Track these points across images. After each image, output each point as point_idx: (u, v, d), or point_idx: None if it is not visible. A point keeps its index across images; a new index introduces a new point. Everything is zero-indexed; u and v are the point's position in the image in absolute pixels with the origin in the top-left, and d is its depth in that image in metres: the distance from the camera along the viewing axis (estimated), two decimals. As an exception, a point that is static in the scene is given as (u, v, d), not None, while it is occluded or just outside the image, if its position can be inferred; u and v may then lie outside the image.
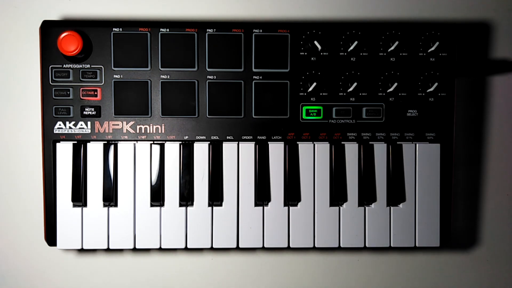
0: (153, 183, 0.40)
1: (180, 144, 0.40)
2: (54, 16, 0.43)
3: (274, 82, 0.41)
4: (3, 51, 0.43)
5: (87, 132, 0.40)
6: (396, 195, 0.41)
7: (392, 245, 0.41)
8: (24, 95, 0.43)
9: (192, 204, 0.41)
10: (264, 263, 0.45)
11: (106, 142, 0.40)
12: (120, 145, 0.40)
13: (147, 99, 0.40)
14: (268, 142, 0.41)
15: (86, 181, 0.40)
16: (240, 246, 0.40)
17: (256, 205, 0.41)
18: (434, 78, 0.41)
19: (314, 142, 0.41)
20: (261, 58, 0.40)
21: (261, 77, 0.41)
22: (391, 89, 0.41)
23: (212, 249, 0.40)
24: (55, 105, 0.40)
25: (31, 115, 0.43)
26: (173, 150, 0.40)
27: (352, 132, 0.42)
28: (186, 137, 0.41)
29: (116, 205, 0.40)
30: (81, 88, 0.40)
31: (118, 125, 0.40)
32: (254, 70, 0.41)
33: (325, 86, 0.41)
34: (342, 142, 0.42)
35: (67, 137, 0.40)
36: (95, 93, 0.40)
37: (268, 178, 0.41)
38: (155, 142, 0.41)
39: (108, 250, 0.44)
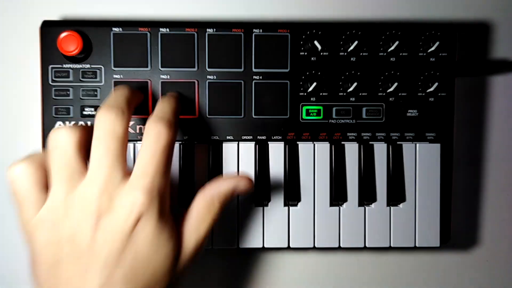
0: (153, 183, 0.40)
1: (180, 144, 0.40)
2: (54, 16, 0.43)
3: (274, 82, 0.41)
4: (3, 51, 0.43)
5: (87, 132, 0.40)
6: (396, 195, 0.41)
7: (392, 245, 0.41)
8: (24, 95, 0.43)
9: (192, 204, 0.41)
10: (264, 264, 0.45)
11: (106, 142, 0.40)
12: (120, 145, 0.40)
13: (147, 99, 0.40)
14: (268, 142, 0.41)
15: (86, 181, 0.40)
16: (241, 246, 0.40)
17: (256, 205, 0.41)
18: (434, 78, 0.41)
19: (314, 142, 0.41)
20: (261, 58, 0.40)
21: (261, 77, 0.41)
22: (391, 89, 0.41)
23: (212, 249, 0.40)
24: (55, 105, 0.40)
25: (31, 115, 0.43)
26: (174, 149, 0.40)
27: (352, 132, 0.42)
28: (186, 137, 0.41)
29: (116, 205, 0.40)
30: (81, 88, 0.40)
31: (118, 125, 0.40)
32: (254, 70, 0.41)
33: (325, 86, 0.41)
34: (342, 142, 0.42)
35: (67, 137, 0.40)
36: (95, 93, 0.40)
37: (268, 178, 0.41)
38: (155, 142, 0.41)
39: (108, 250, 0.44)
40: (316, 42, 0.40)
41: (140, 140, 0.40)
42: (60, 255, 0.30)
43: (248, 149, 0.41)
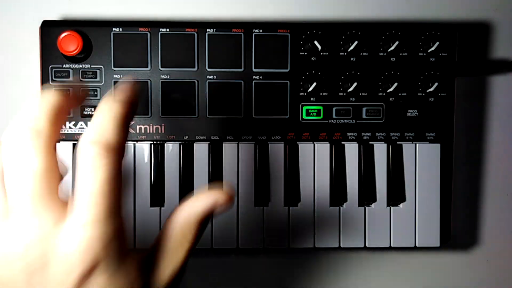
0: (153, 183, 0.40)
1: (180, 144, 0.40)
2: (54, 16, 0.43)
3: (274, 82, 0.41)
4: (3, 51, 0.43)
5: (87, 132, 0.40)
6: (396, 195, 0.41)
7: (392, 245, 0.41)
8: (24, 95, 0.43)
9: (192, 204, 0.40)
10: (264, 264, 0.45)
11: (106, 142, 0.40)
12: (120, 145, 0.40)
13: (147, 99, 0.40)
14: (268, 142, 0.41)
15: (86, 181, 0.40)
16: (241, 246, 0.40)
17: (256, 205, 0.41)
18: (434, 78, 0.41)
19: (314, 142, 0.41)
20: (261, 58, 0.40)
21: (261, 77, 0.41)
22: (391, 89, 0.41)
23: (212, 249, 0.40)
24: (55, 105, 0.40)
25: (31, 115, 0.43)
26: (173, 150, 0.40)
27: (352, 132, 0.42)
28: (186, 137, 0.41)
29: (116, 205, 0.40)
30: (81, 88, 0.40)
31: (118, 125, 0.40)
32: (254, 70, 0.41)
33: (325, 86, 0.41)
34: (342, 142, 0.42)
35: (67, 137, 0.40)
36: (95, 93, 0.40)
37: (268, 178, 0.41)
38: (155, 142, 0.41)
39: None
40: (316, 42, 0.40)
41: (141, 140, 0.40)
42: None
43: (248, 149, 0.41)
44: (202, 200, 0.27)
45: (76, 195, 0.23)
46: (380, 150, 0.41)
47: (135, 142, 0.40)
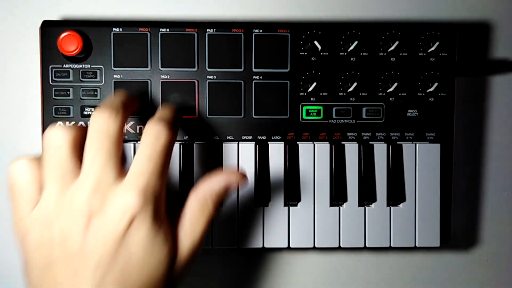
0: (153, 183, 0.40)
1: (180, 144, 0.40)
2: (54, 16, 0.43)
3: (274, 82, 0.41)
4: (3, 51, 0.43)
5: (87, 132, 0.40)
6: (396, 195, 0.41)
7: (392, 245, 0.41)
8: (24, 95, 0.43)
9: (192, 204, 0.40)
10: (264, 264, 0.45)
11: (106, 142, 0.40)
12: (120, 145, 0.40)
13: (146, 99, 0.40)
14: (268, 142, 0.41)
15: (86, 181, 0.40)
16: (241, 246, 0.40)
17: (256, 205, 0.41)
18: (434, 78, 0.41)
19: (314, 142, 0.41)
20: (261, 58, 0.40)
21: (261, 77, 0.41)
22: (391, 89, 0.41)
23: (212, 249, 0.40)
24: (55, 105, 0.40)
25: (31, 115, 0.43)
26: (173, 151, 0.40)
27: (352, 132, 0.42)
28: (186, 137, 0.41)
29: (116, 205, 0.40)
30: (81, 88, 0.40)
31: (118, 125, 0.40)
32: (254, 70, 0.41)
33: (325, 86, 0.41)
34: (342, 142, 0.42)
35: (67, 137, 0.40)
36: (95, 93, 0.40)
37: (268, 178, 0.41)
38: (155, 142, 0.41)
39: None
40: (316, 42, 0.40)
41: (140, 140, 0.40)
42: (51, 257, 0.29)
43: (248, 149, 0.41)
44: (219, 180, 0.33)
45: (138, 152, 0.31)
46: (380, 150, 0.41)
47: (135, 142, 0.40)
